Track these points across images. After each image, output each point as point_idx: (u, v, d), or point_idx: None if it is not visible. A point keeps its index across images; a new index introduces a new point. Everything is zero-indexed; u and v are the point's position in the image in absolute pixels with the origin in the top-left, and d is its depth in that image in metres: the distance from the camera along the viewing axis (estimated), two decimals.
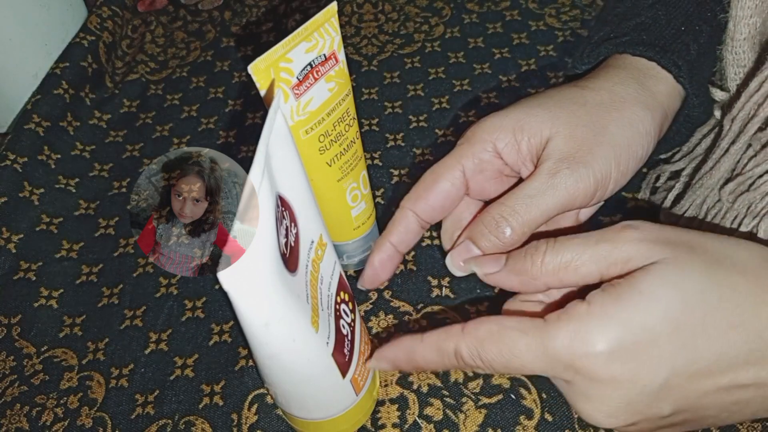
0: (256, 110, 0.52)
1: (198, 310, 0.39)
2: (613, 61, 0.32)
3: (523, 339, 0.23)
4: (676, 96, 0.31)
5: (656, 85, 0.30)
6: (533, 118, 0.28)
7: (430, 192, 0.30)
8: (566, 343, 0.22)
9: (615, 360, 0.22)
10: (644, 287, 0.22)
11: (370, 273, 0.31)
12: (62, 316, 0.39)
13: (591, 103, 0.29)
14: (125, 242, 0.43)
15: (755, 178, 0.29)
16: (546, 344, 0.23)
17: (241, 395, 0.34)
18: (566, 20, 0.56)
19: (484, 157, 0.29)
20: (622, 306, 0.22)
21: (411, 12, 0.60)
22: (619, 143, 0.27)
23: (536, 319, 0.24)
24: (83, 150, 0.50)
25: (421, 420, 0.32)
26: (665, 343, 0.22)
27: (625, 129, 0.28)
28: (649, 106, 0.29)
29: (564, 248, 0.24)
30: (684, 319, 0.21)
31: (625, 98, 0.29)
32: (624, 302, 0.22)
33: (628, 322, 0.22)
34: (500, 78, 0.51)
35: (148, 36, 0.62)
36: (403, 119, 0.49)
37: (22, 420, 0.34)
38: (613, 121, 0.28)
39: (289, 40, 0.28)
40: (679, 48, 0.31)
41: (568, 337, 0.22)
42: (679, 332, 0.22)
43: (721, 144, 0.31)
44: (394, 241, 0.31)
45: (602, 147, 0.27)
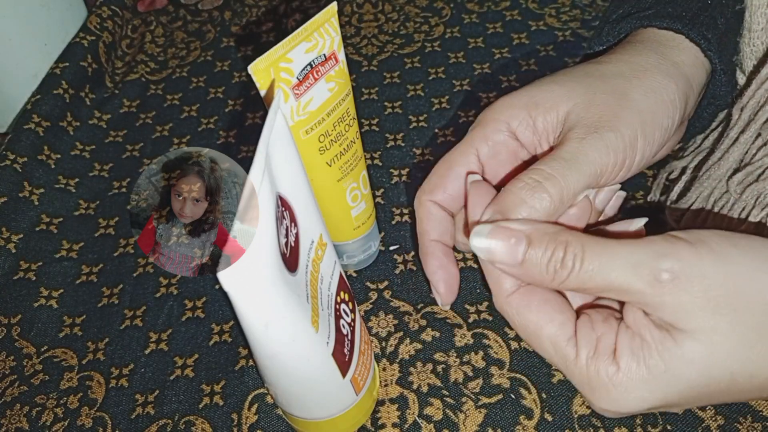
0: (256, 110, 0.52)
1: (198, 310, 0.39)
2: (633, 37, 0.30)
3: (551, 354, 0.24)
4: (700, 68, 0.29)
5: (678, 55, 0.28)
6: (548, 94, 0.27)
7: (446, 180, 0.28)
8: (587, 388, 0.23)
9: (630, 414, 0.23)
10: (673, 367, 0.22)
11: (441, 283, 0.29)
12: (62, 316, 0.39)
13: (609, 74, 0.27)
14: (125, 242, 0.43)
15: (765, 168, 0.28)
16: (569, 374, 0.24)
17: (241, 395, 0.34)
18: (566, 20, 0.56)
19: (498, 138, 0.27)
20: (647, 386, 0.22)
21: (411, 12, 0.60)
22: (643, 110, 0.25)
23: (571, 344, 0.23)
24: (83, 150, 0.50)
25: (421, 420, 0.32)
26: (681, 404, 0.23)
27: (649, 96, 0.26)
28: (672, 74, 0.27)
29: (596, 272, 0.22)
30: (705, 394, 0.22)
31: (646, 67, 0.27)
32: (650, 382, 0.22)
33: (648, 399, 0.22)
34: (500, 78, 0.51)
35: (148, 36, 0.62)
36: (403, 119, 0.49)
37: (22, 420, 0.34)
38: (634, 88, 0.26)
39: (289, 40, 0.28)
40: (707, 21, 0.29)
41: (588, 389, 0.23)
42: (696, 400, 0.23)
43: (730, 134, 0.30)
44: (434, 236, 0.29)
45: (626, 112, 0.25)
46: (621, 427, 0.31)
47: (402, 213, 0.43)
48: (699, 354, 0.21)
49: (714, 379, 0.21)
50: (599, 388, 0.23)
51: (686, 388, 0.22)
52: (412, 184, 0.44)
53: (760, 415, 0.31)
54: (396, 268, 0.39)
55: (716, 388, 0.22)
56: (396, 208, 0.43)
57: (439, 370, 0.34)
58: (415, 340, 0.36)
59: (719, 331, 0.21)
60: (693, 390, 0.22)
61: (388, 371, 0.34)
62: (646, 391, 0.22)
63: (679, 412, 0.24)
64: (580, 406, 0.32)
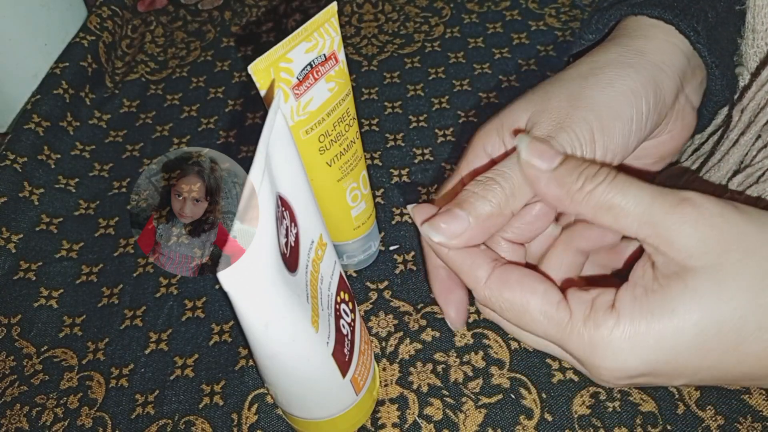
0: (256, 110, 0.52)
1: (198, 310, 0.39)
2: (617, 31, 0.30)
3: (543, 326, 0.23)
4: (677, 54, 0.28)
5: (646, 44, 0.28)
6: (512, 112, 0.27)
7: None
8: (587, 351, 0.22)
9: (635, 378, 0.22)
10: (680, 308, 0.21)
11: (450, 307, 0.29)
12: (62, 316, 0.39)
13: (567, 78, 0.27)
14: (125, 242, 0.43)
15: (765, 170, 0.28)
16: (565, 342, 0.22)
17: (241, 395, 0.34)
18: (566, 20, 0.56)
19: (479, 163, 0.28)
20: (654, 330, 0.21)
21: (411, 12, 0.60)
22: (599, 105, 0.26)
23: (562, 307, 0.23)
24: (83, 150, 0.50)
25: (421, 420, 0.32)
26: (692, 366, 0.21)
27: (605, 90, 0.26)
28: (632, 64, 0.27)
29: (620, 192, 0.22)
30: (716, 346, 0.21)
31: (606, 63, 0.27)
32: (656, 325, 0.21)
33: (656, 348, 0.21)
34: (500, 78, 0.51)
35: (148, 36, 0.62)
36: (403, 119, 0.49)
37: (22, 420, 0.34)
38: (589, 86, 0.26)
39: (289, 40, 0.28)
40: (697, 13, 0.28)
41: (590, 349, 0.22)
42: (709, 356, 0.21)
43: (730, 135, 0.30)
44: (436, 262, 0.29)
45: (579, 111, 0.26)
46: (621, 427, 0.31)
47: (402, 213, 0.43)
48: (708, 291, 0.20)
49: (723, 325, 0.20)
50: (600, 345, 0.21)
51: (696, 336, 0.20)
52: (412, 184, 0.44)
53: (760, 415, 0.31)
54: (396, 268, 0.39)
55: (725, 340, 0.20)
56: (396, 208, 0.43)
57: (439, 370, 0.34)
58: (415, 340, 0.36)
59: (729, 271, 0.20)
60: (702, 338, 0.20)
61: (388, 371, 0.34)
62: (653, 339, 0.21)
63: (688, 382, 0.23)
64: (580, 406, 0.32)
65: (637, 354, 0.21)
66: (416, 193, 0.44)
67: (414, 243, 0.41)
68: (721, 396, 0.31)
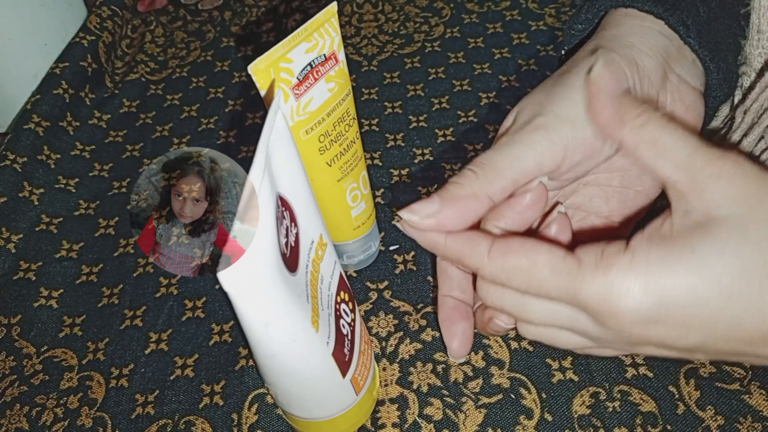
0: (256, 110, 0.52)
1: (198, 310, 0.39)
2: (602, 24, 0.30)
3: (554, 281, 0.22)
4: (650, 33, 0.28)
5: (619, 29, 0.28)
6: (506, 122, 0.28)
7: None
8: (601, 296, 0.20)
9: (650, 324, 0.20)
10: (700, 248, 0.19)
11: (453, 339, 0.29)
12: (62, 316, 0.39)
13: (554, 76, 0.28)
14: (125, 242, 0.43)
15: None
16: (577, 292, 0.21)
17: (241, 395, 0.34)
18: (566, 20, 0.56)
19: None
20: (671, 268, 0.19)
21: (411, 12, 0.60)
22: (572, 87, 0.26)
23: (570, 257, 0.22)
24: (83, 150, 0.50)
25: (421, 420, 0.32)
26: (710, 312, 0.20)
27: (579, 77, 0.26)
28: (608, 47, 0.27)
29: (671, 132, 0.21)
30: (737, 290, 0.19)
31: (582, 56, 0.28)
32: (673, 264, 0.19)
33: (672, 287, 0.19)
34: (500, 78, 0.51)
35: (148, 36, 0.62)
36: (403, 119, 0.49)
37: (22, 420, 0.34)
38: (570, 73, 0.27)
39: (289, 40, 0.28)
40: (688, 8, 0.28)
41: (604, 291, 0.20)
42: (729, 303, 0.19)
43: (733, 137, 0.29)
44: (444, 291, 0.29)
45: (554, 96, 0.26)
46: (621, 427, 0.31)
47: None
48: (732, 236, 0.19)
49: (746, 270, 0.19)
50: (614, 286, 0.20)
51: (717, 278, 0.19)
52: (412, 184, 0.44)
53: (760, 415, 0.31)
54: (396, 268, 0.39)
55: (748, 285, 0.19)
56: (396, 208, 0.43)
57: (439, 370, 0.34)
58: (415, 340, 0.36)
59: (755, 219, 0.19)
60: (724, 281, 0.19)
61: (388, 371, 0.34)
62: (670, 279, 0.19)
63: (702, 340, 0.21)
64: (580, 406, 0.32)
65: (652, 293, 0.20)
66: (416, 193, 0.44)
67: (414, 243, 0.40)
68: (721, 396, 0.31)
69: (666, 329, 0.20)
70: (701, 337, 0.20)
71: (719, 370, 0.32)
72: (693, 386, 0.32)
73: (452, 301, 0.29)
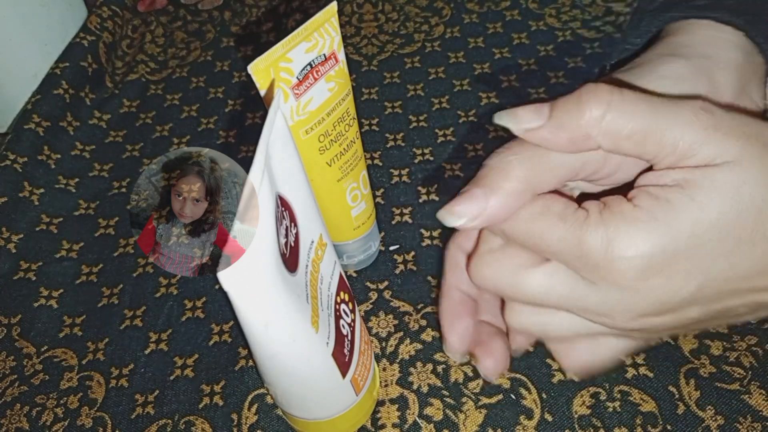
0: (256, 110, 0.52)
1: (198, 310, 0.39)
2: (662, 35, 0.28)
3: (559, 229, 0.21)
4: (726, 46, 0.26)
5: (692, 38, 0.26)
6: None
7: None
8: (604, 243, 0.20)
9: (652, 272, 0.20)
10: (699, 196, 0.20)
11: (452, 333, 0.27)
12: (62, 316, 0.39)
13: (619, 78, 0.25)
14: (125, 242, 0.43)
15: None
16: (581, 240, 0.21)
17: (241, 395, 0.34)
18: (566, 20, 0.56)
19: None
20: (672, 216, 0.20)
21: (411, 12, 0.60)
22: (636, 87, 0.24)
23: (579, 210, 0.21)
24: (83, 150, 0.50)
25: (421, 420, 0.32)
26: (708, 251, 0.20)
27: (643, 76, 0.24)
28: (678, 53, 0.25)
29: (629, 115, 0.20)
30: (734, 228, 0.20)
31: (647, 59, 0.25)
32: (674, 212, 0.20)
33: (674, 232, 0.20)
34: (500, 78, 0.51)
35: (148, 36, 0.62)
36: (403, 119, 0.49)
37: (22, 420, 0.34)
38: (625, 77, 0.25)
39: (289, 40, 0.28)
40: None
41: (607, 238, 0.20)
42: (725, 240, 0.20)
43: None
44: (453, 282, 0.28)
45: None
46: (621, 427, 0.31)
47: (402, 213, 0.43)
48: (728, 181, 0.19)
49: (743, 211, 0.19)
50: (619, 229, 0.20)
51: (715, 221, 0.19)
52: (412, 184, 0.44)
53: (760, 415, 0.31)
54: (396, 268, 0.39)
55: (744, 224, 0.19)
56: (396, 208, 0.43)
57: (439, 371, 0.34)
58: (415, 341, 0.36)
59: (749, 162, 0.19)
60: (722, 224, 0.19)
61: (388, 371, 0.34)
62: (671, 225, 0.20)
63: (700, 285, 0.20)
64: (580, 406, 0.32)
65: (654, 242, 0.20)
66: (416, 193, 0.44)
67: (414, 243, 0.41)
68: (721, 396, 0.31)
69: (667, 278, 0.20)
70: (700, 281, 0.20)
71: (719, 370, 0.32)
72: (693, 386, 0.32)
73: (459, 294, 0.27)
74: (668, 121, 0.20)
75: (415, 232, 0.41)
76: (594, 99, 0.21)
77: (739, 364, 0.32)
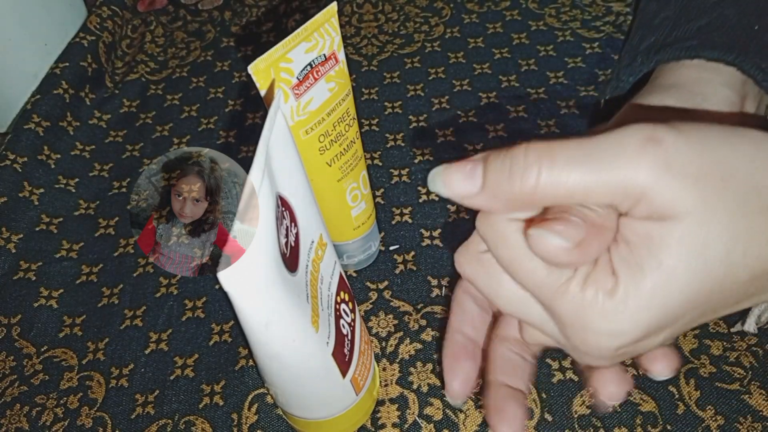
0: (256, 110, 0.52)
1: (198, 310, 0.39)
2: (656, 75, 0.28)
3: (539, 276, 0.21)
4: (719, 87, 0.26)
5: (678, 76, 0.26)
6: None
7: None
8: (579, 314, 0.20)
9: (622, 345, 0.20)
10: (667, 259, 0.19)
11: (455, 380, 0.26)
12: (62, 316, 0.39)
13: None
14: (125, 242, 0.43)
15: None
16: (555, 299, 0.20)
17: (241, 395, 0.34)
18: (566, 20, 0.56)
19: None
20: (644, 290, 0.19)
21: (411, 12, 0.60)
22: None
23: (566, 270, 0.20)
24: (83, 150, 0.50)
25: (421, 420, 0.32)
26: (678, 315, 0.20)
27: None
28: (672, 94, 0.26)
29: (565, 172, 0.19)
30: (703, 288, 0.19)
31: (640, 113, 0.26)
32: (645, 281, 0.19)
33: (644, 313, 0.19)
34: (500, 78, 0.51)
35: (148, 36, 0.62)
36: (403, 119, 0.49)
37: (22, 420, 0.34)
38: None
39: (289, 40, 0.28)
40: (758, 48, 0.26)
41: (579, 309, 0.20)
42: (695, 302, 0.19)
43: None
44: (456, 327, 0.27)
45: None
46: (621, 427, 0.31)
47: (402, 213, 0.43)
48: (691, 233, 0.19)
49: (709, 263, 0.19)
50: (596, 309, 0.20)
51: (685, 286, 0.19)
52: (412, 184, 0.44)
53: (760, 415, 0.31)
54: (396, 268, 0.39)
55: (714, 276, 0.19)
56: (396, 208, 0.43)
57: (439, 370, 0.34)
58: (415, 340, 0.36)
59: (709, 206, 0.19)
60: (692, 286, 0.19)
61: (388, 371, 0.34)
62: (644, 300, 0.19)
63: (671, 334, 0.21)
64: (580, 406, 0.32)
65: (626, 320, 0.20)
66: (416, 193, 0.44)
67: (414, 243, 0.41)
68: (721, 396, 0.31)
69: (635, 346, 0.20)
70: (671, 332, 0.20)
71: (719, 370, 0.32)
72: (693, 386, 0.32)
73: (461, 338, 0.27)
74: (611, 164, 0.19)
75: (415, 232, 0.41)
76: (523, 163, 0.19)
77: (739, 364, 0.32)
